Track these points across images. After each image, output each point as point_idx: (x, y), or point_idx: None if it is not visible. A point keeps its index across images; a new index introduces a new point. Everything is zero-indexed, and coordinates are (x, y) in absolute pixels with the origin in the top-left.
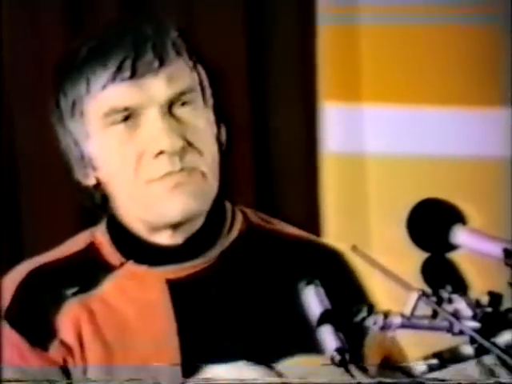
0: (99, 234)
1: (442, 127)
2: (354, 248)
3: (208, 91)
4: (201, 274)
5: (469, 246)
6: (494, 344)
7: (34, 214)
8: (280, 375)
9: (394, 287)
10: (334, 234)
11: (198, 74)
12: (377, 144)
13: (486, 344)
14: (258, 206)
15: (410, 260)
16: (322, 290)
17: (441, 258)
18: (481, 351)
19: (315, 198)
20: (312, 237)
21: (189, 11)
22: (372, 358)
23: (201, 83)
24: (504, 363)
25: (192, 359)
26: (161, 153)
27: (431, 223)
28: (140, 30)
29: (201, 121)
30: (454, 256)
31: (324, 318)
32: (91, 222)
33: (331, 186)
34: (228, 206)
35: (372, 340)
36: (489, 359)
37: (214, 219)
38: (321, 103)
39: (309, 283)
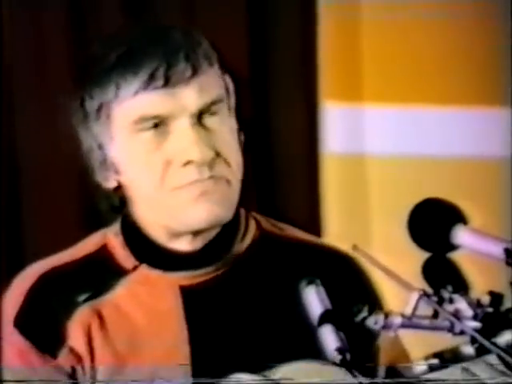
0: (112, 237)
1: (443, 127)
2: (355, 248)
3: (232, 99)
4: (214, 281)
5: (470, 245)
6: (495, 344)
7: (36, 215)
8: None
9: (395, 287)
10: (335, 233)
11: (225, 82)
12: (378, 144)
13: (487, 344)
14: (259, 206)
15: (411, 260)
16: (322, 290)
17: (442, 257)
18: (482, 351)
19: (316, 198)
20: (325, 242)
21: (191, 12)
22: (382, 360)
23: (227, 91)
24: (505, 363)
25: (203, 366)
26: (189, 162)
27: (432, 223)
28: (171, 38)
29: (226, 129)
30: (455, 256)
31: (324, 318)
32: (93, 223)
33: (332, 186)
34: (242, 212)
35: (382, 342)
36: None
37: (229, 226)
38: (322, 103)
39: (310, 283)
